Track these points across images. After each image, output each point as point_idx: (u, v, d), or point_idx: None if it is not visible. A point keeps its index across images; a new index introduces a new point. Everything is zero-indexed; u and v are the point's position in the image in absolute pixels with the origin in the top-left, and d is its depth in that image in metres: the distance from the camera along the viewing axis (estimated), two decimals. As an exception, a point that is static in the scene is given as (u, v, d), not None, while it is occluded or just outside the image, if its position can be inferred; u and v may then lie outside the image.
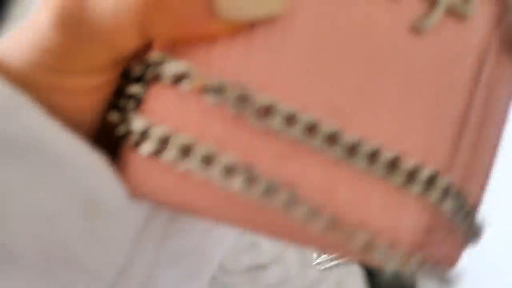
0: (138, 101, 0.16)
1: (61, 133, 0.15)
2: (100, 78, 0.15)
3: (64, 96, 0.15)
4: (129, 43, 0.15)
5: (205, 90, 0.15)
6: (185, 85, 0.15)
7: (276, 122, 0.15)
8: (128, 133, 0.16)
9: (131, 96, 0.16)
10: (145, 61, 0.16)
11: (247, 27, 0.15)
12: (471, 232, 0.17)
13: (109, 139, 0.16)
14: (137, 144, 0.15)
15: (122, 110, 0.16)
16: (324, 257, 0.22)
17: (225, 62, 0.15)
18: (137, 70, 0.16)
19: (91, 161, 0.15)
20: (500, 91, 0.17)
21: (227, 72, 0.15)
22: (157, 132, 0.15)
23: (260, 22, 0.15)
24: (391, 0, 0.15)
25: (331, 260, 0.21)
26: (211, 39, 0.15)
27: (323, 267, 0.22)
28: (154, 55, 0.15)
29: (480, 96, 0.16)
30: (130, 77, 0.16)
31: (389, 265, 0.15)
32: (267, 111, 0.15)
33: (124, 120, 0.16)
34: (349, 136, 0.15)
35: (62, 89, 0.15)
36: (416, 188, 0.15)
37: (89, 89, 0.15)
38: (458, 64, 0.16)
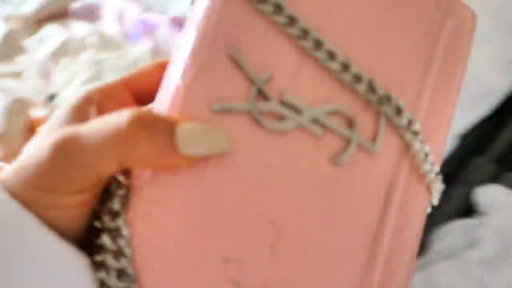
0: (117, 214, 0.20)
1: (55, 242, 0.19)
2: (85, 196, 0.19)
3: (56, 211, 0.19)
4: (108, 170, 0.19)
5: None
6: None
7: None
8: (101, 249, 0.19)
9: (111, 211, 0.20)
10: (122, 184, 0.20)
11: (201, 160, 0.19)
12: None
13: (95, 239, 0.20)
14: (99, 265, 0.19)
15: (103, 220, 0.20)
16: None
17: (186, 195, 0.19)
18: (115, 188, 0.20)
19: (76, 263, 0.19)
20: (414, 207, 0.21)
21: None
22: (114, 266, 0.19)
23: (210, 157, 0.19)
24: (315, 138, 0.19)
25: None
26: (174, 167, 0.19)
27: None
28: (126, 185, 0.20)
29: (393, 217, 0.20)
30: (111, 192, 0.20)
31: None
32: None
33: (104, 230, 0.20)
34: None
35: (55, 205, 0.19)
36: None
37: (76, 205, 0.19)
38: (370, 190, 0.19)
